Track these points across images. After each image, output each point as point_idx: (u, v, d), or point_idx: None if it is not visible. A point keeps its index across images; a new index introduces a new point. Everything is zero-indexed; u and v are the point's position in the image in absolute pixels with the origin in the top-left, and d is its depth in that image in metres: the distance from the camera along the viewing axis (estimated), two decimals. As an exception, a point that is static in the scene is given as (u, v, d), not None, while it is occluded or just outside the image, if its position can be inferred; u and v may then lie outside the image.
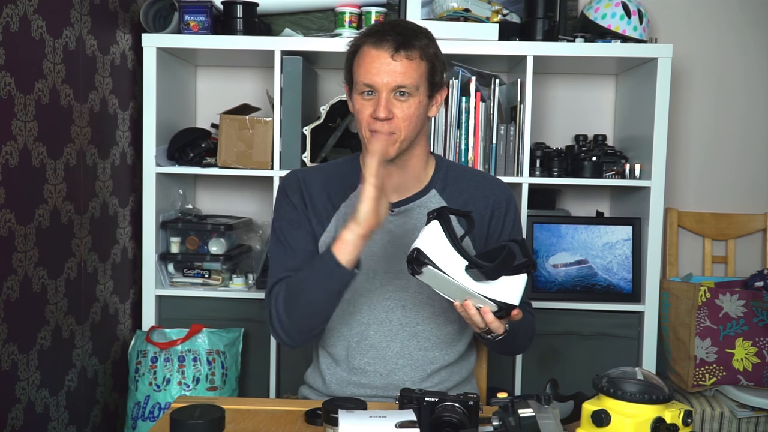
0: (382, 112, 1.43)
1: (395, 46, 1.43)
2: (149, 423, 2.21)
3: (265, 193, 2.68)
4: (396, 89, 1.44)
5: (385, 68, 1.43)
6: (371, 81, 1.44)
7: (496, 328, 1.32)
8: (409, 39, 1.44)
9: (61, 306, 2.01)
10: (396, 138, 1.46)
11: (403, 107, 1.45)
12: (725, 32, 2.74)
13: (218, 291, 2.44)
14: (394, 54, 1.43)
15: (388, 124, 1.44)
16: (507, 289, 1.28)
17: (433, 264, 1.26)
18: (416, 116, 1.47)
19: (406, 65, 1.44)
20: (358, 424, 1.08)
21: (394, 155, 1.48)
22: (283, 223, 1.56)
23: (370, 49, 1.45)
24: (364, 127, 1.47)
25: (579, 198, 2.76)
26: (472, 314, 1.30)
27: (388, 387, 1.54)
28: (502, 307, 1.28)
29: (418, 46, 1.45)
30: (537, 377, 2.37)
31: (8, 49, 1.70)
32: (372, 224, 1.36)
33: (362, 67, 1.45)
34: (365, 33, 1.48)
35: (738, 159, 2.79)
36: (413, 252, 1.27)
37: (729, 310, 2.36)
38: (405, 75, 1.43)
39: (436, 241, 1.28)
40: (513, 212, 1.60)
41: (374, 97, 1.45)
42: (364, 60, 1.45)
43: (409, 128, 1.46)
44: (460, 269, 1.27)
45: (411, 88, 1.44)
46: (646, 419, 1.04)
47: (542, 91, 2.70)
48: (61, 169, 1.99)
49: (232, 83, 2.76)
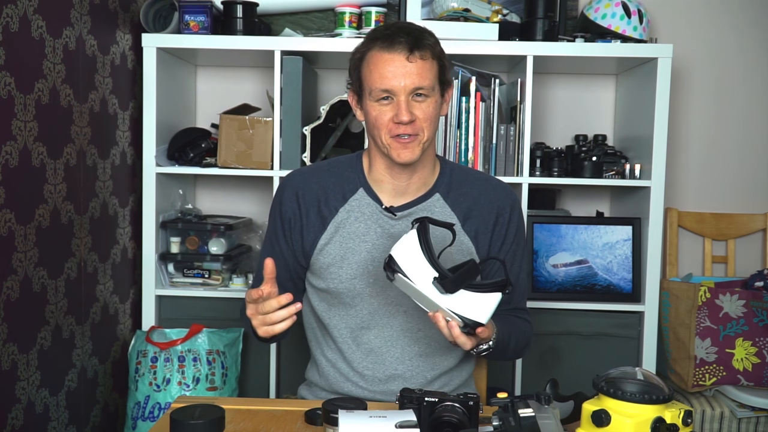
0: (406, 116, 1.41)
1: (409, 47, 1.41)
2: (149, 423, 2.21)
3: (265, 193, 2.68)
4: (414, 91, 1.42)
5: (402, 71, 1.41)
6: (389, 86, 1.42)
7: (463, 343, 1.31)
8: (420, 39, 1.43)
9: (61, 306, 2.01)
10: (419, 140, 1.45)
11: (422, 108, 1.44)
12: (725, 32, 2.74)
13: (218, 291, 2.44)
14: (409, 55, 1.41)
15: (412, 127, 1.43)
16: (476, 306, 1.28)
17: (402, 272, 1.28)
18: (435, 116, 1.47)
19: (421, 66, 1.42)
20: (358, 424, 1.08)
21: (418, 157, 1.47)
22: (269, 234, 1.60)
23: (382, 53, 1.43)
24: (385, 134, 1.45)
25: (579, 198, 2.76)
26: (441, 326, 1.30)
27: (387, 392, 1.53)
28: (468, 323, 1.28)
29: (429, 46, 1.44)
30: (537, 377, 2.37)
31: (8, 49, 1.70)
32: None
33: (376, 72, 1.43)
34: (371, 38, 1.46)
35: (738, 159, 2.79)
36: (387, 258, 1.30)
37: (729, 310, 2.36)
38: (422, 76, 1.42)
39: (410, 251, 1.29)
40: (517, 218, 1.59)
41: (392, 101, 1.43)
42: (376, 65, 1.43)
43: (430, 128, 1.46)
44: (429, 280, 1.28)
45: (428, 88, 1.43)
46: (646, 419, 1.04)
47: (542, 91, 2.70)
48: (61, 169, 1.99)
49: (232, 83, 2.76)
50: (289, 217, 1.57)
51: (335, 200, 1.55)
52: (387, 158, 1.49)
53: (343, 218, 1.54)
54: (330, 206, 1.55)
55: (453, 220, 1.54)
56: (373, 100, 1.45)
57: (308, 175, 1.59)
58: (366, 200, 1.54)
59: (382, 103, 1.44)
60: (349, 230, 1.53)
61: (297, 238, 1.56)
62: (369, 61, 1.45)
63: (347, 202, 1.55)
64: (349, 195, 1.55)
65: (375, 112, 1.45)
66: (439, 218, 1.52)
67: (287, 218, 1.57)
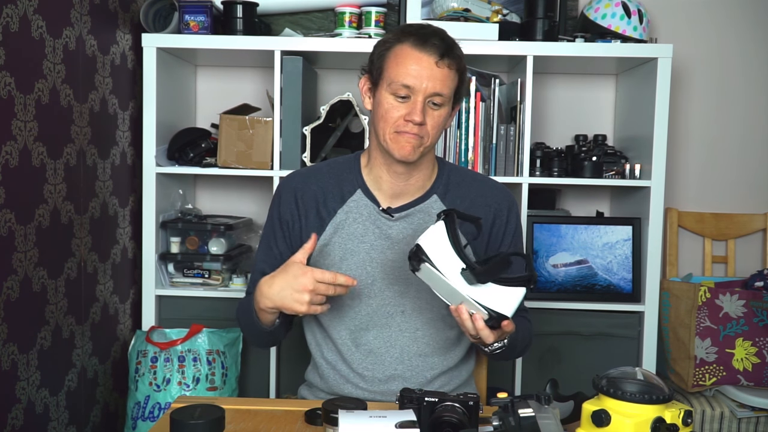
0: (419, 116, 1.42)
1: (440, 52, 1.42)
2: (149, 423, 2.21)
3: (265, 193, 2.68)
4: (432, 96, 1.43)
5: (428, 72, 1.41)
6: (411, 83, 1.42)
7: (486, 336, 1.30)
8: (451, 48, 1.44)
9: (61, 306, 2.01)
10: (422, 143, 1.45)
11: (434, 115, 1.44)
12: (725, 32, 2.74)
13: (218, 291, 2.44)
14: (439, 60, 1.42)
15: (419, 129, 1.44)
16: (502, 299, 1.28)
17: (430, 262, 1.27)
18: (442, 125, 1.48)
19: (446, 74, 1.43)
20: (358, 424, 1.08)
21: (416, 159, 1.47)
22: (266, 234, 1.60)
23: (413, 50, 1.42)
24: (390, 127, 1.45)
25: (579, 198, 2.76)
26: (464, 318, 1.30)
27: (387, 393, 1.53)
28: (494, 315, 1.27)
29: (457, 57, 1.45)
30: (537, 377, 2.37)
31: (8, 49, 1.70)
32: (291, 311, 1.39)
33: (402, 66, 1.42)
34: (406, 32, 1.46)
35: (738, 159, 2.79)
36: (414, 247, 1.28)
37: (729, 310, 2.36)
38: (444, 84, 1.43)
39: (438, 241, 1.29)
40: (514, 219, 1.59)
41: (408, 101, 1.43)
42: (405, 59, 1.43)
43: (435, 136, 1.47)
44: (456, 271, 1.27)
45: (445, 97, 1.44)
46: (646, 419, 1.04)
47: (542, 91, 2.70)
48: (61, 169, 1.99)
49: (232, 83, 2.76)
50: (287, 218, 1.57)
51: (334, 201, 1.55)
52: (386, 155, 1.50)
53: (341, 219, 1.54)
54: (328, 207, 1.55)
55: None
56: (389, 93, 1.45)
57: (307, 177, 1.59)
58: (364, 201, 1.55)
59: (398, 99, 1.44)
60: (348, 231, 1.53)
61: (296, 240, 1.56)
62: (398, 53, 1.44)
63: (345, 203, 1.55)
64: (348, 196, 1.55)
65: (387, 104, 1.45)
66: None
67: (286, 220, 1.57)
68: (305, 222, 1.55)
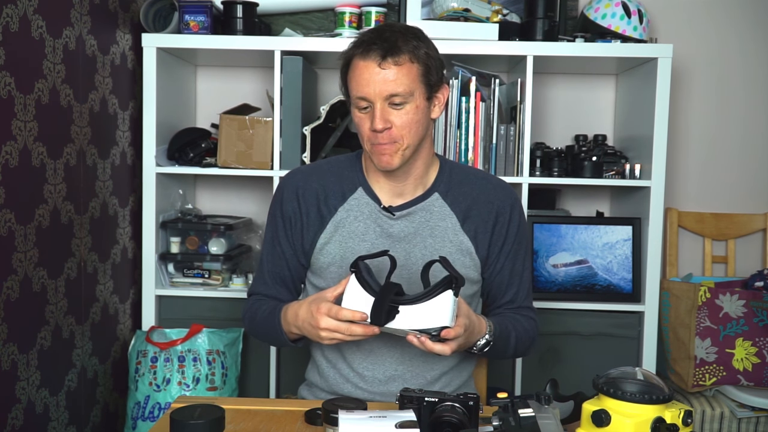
0: (379, 123, 1.41)
1: (381, 53, 1.40)
2: (149, 423, 2.21)
3: (265, 193, 2.68)
4: (389, 98, 1.41)
5: (375, 78, 1.40)
6: (363, 93, 1.42)
7: (441, 350, 1.30)
8: (395, 44, 1.41)
9: (61, 306, 2.01)
10: (398, 147, 1.44)
11: (400, 115, 1.43)
12: (725, 32, 2.74)
13: (218, 291, 2.44)
14: (381, 62, 1.40)
15: (388, 135, 1.43)
16: (431, 313, 1.27)
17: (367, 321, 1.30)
18: (416, 122, 1.44)
19: (396, 72, 1.40)
20: (358, 424, 1.08)
21: (399, 165, 1.46)
22: (269, 233, 1.61)
23: (359, 61, 1.43)
24: (366, 142, 1.46)
25: (579, 198, 2.76)
26: (417, 345, 1.31)
27: (387, 393, 1.53)
28: (432, 333, 1.28)
29: (406, 50, 1.41)
30: (537, 377, 2.37)
31: (8, 49, 1.70)
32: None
33: (353, 80, 1.44)
34: (354, 44, 1.46)
35: (738, 159, 2.79)
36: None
37: (729, 310, 2.36)
38: (396, 82, 1.40)
39: (356, 296, 1.31)
40: (518, 217, 1.59)
41: (370, 110, 1.43)
42: (354, 73, 1.44)
43: (410, 135, 1.44)
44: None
45: (404, 94, 1.42)
46: (646, 419, 1.04)
47: (542, 91, 2.70)
48: (61, 169, 1.99)
49: (232, 83, 2.76)
50: (289, 215, 1.57)
51: (335, 199, 1.55)
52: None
53: (342, 217, 1.54)
54: (329, 205, 1.55)
55: (452, 220, 1.54)
56: (355, 108, 1.46)
57: (308, 174, 1.59)
58: (365, 199, 1.54)
59: (362, 112, 1.45)
60: (349, 229, 1.53)
61: (297, 237, 1.56)
62: (352, 67, 1.45)
63: (346, 201, 1.55)
64: (349, 194, 1.55)
65: (357, 119, 1.47)
66: (437, 217, 1.53)
67: (288, 217, 1.57)
68: (306, 219, 1.55)
